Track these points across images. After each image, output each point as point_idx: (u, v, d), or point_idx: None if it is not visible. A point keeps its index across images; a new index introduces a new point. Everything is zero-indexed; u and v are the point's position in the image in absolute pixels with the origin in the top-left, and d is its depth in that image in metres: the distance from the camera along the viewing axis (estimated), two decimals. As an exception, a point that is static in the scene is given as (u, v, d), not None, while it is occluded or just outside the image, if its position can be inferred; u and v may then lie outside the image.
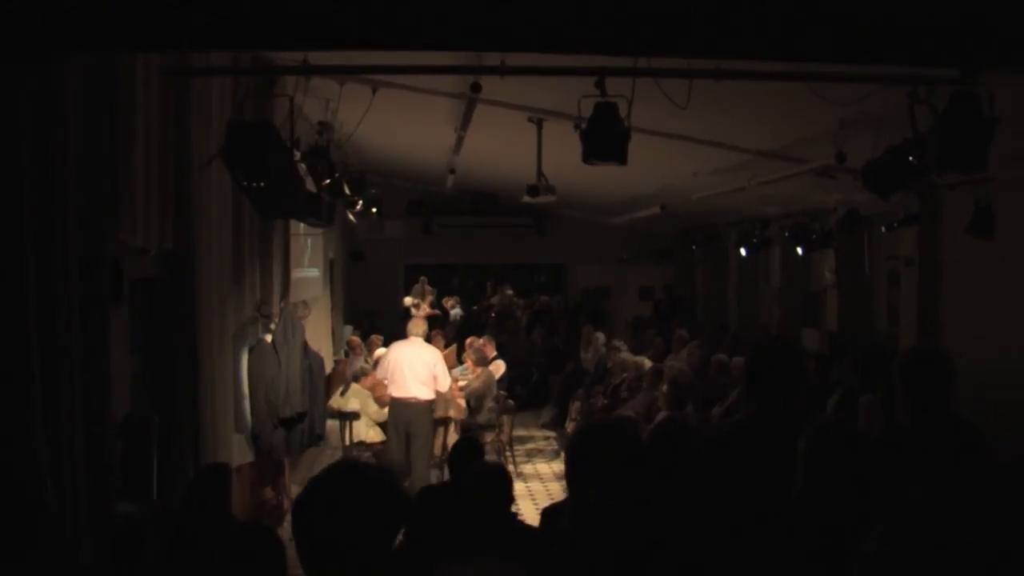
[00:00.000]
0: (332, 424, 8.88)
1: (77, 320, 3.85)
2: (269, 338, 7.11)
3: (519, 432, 12.18)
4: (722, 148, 8.28)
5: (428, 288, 20.06)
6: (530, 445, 10.86)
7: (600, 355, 11.96)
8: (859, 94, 4.85)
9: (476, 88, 5.83)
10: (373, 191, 14.61)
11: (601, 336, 12.41)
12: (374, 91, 7.35)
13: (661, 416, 7.97)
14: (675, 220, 14.96)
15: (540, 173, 8.06)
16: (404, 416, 7.93)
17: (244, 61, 5.36)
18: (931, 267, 8.44)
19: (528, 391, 14.13)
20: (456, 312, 20.04)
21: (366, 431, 8.87)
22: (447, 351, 11.41)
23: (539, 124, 7.61)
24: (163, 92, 5.01)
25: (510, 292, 20.10)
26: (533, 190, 8.25)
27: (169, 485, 5.02)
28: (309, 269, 10.48)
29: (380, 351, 9.13)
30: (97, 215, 4.05)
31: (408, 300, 19.65)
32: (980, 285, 7.80)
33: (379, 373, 8.36)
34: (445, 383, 8.17)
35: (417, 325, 8.41)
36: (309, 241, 10.24)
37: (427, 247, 16.57)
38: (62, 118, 3.78)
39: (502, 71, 4.67)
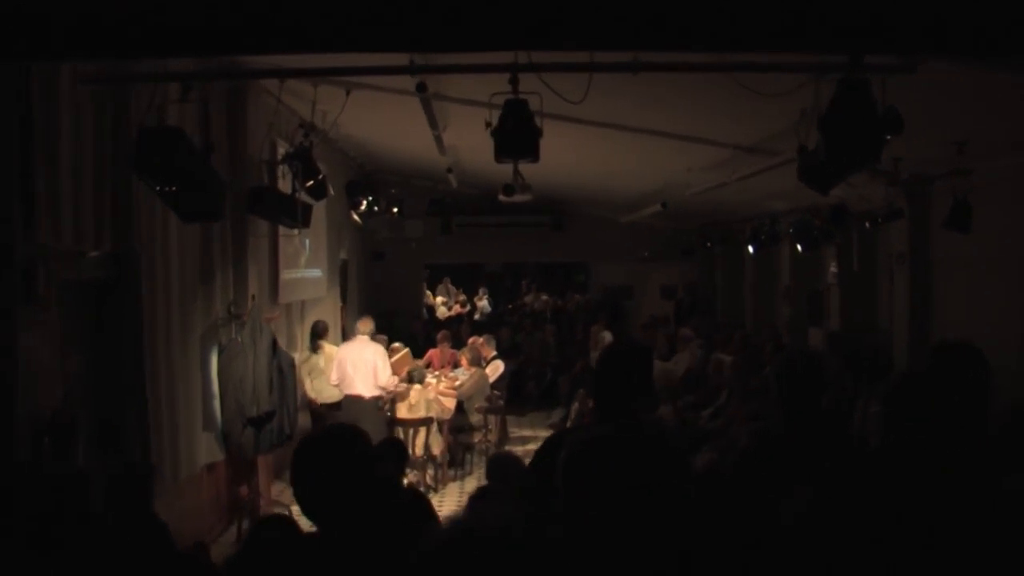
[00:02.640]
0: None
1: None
2: (240, 338, 7.17)
3: (525, 432, 12.13)
4: (705, 144, 8.14)
5: (452, 288, 20.23)
6: (531, 445, 10.77)
7: (606, 354, 11.83)
8: (790, 85, 4.71)
9: (422, 88, 5.81)
10: (393, 191, 14.75)
11: (608, 335, 12.27)
12: (347, 92, 7.38)
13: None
14: (692, 217, 14.73)
15: (516, 172, 7.99)
16: (353, 413, 8.01)
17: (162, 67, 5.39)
18: (922, 262, 8.17)
19: (540, 390, 14.12)
20: (484, 305, 20.15)
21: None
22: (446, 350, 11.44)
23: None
24: (99, 98, 5.09)
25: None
26: (508, 189, 8.21)
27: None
28: (308, 270, 10.51)
29: (330, 348, 9.22)
30: (1, 218, 4.13)
31: (439, 299, 19.80)
32: (971, 279, 7.52)
33: (332, 377, 8.46)
34: (384, 377, 8.24)
35: (364, 324, 8.49)
36: (307, 242, 10.25)
37: (447, 247, 16.56)
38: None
39: (411, 70, 4.63)
